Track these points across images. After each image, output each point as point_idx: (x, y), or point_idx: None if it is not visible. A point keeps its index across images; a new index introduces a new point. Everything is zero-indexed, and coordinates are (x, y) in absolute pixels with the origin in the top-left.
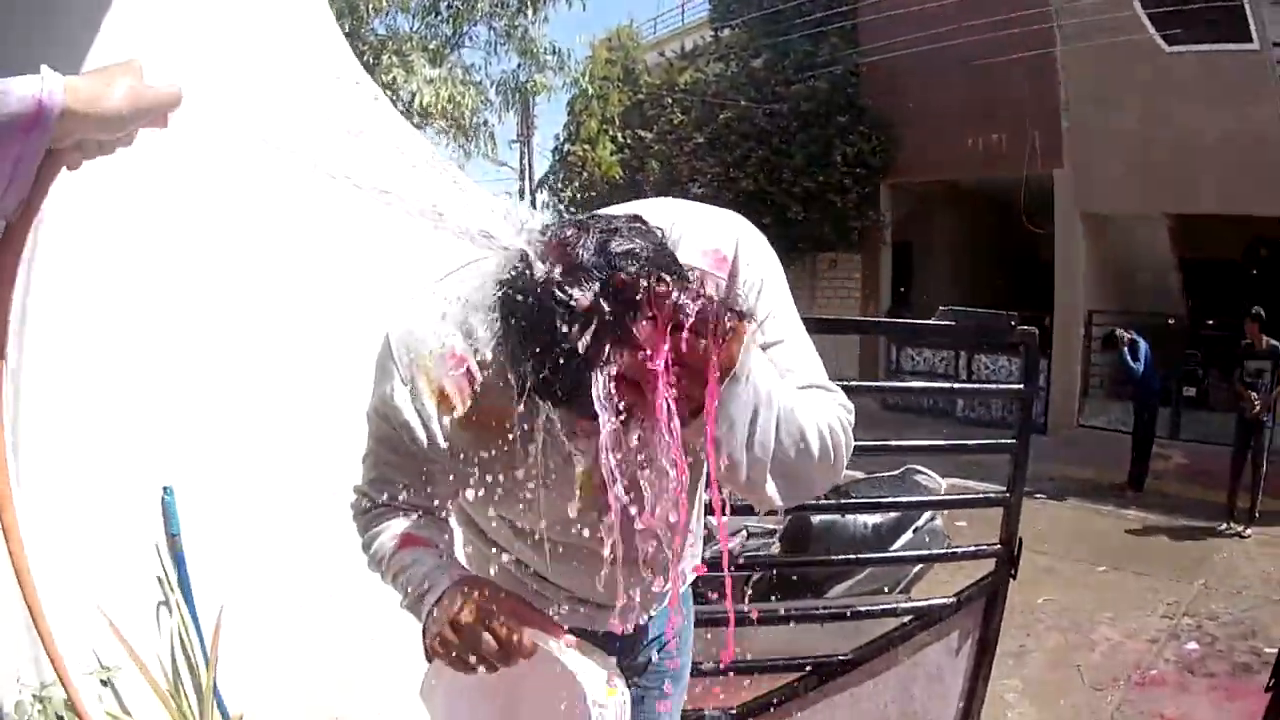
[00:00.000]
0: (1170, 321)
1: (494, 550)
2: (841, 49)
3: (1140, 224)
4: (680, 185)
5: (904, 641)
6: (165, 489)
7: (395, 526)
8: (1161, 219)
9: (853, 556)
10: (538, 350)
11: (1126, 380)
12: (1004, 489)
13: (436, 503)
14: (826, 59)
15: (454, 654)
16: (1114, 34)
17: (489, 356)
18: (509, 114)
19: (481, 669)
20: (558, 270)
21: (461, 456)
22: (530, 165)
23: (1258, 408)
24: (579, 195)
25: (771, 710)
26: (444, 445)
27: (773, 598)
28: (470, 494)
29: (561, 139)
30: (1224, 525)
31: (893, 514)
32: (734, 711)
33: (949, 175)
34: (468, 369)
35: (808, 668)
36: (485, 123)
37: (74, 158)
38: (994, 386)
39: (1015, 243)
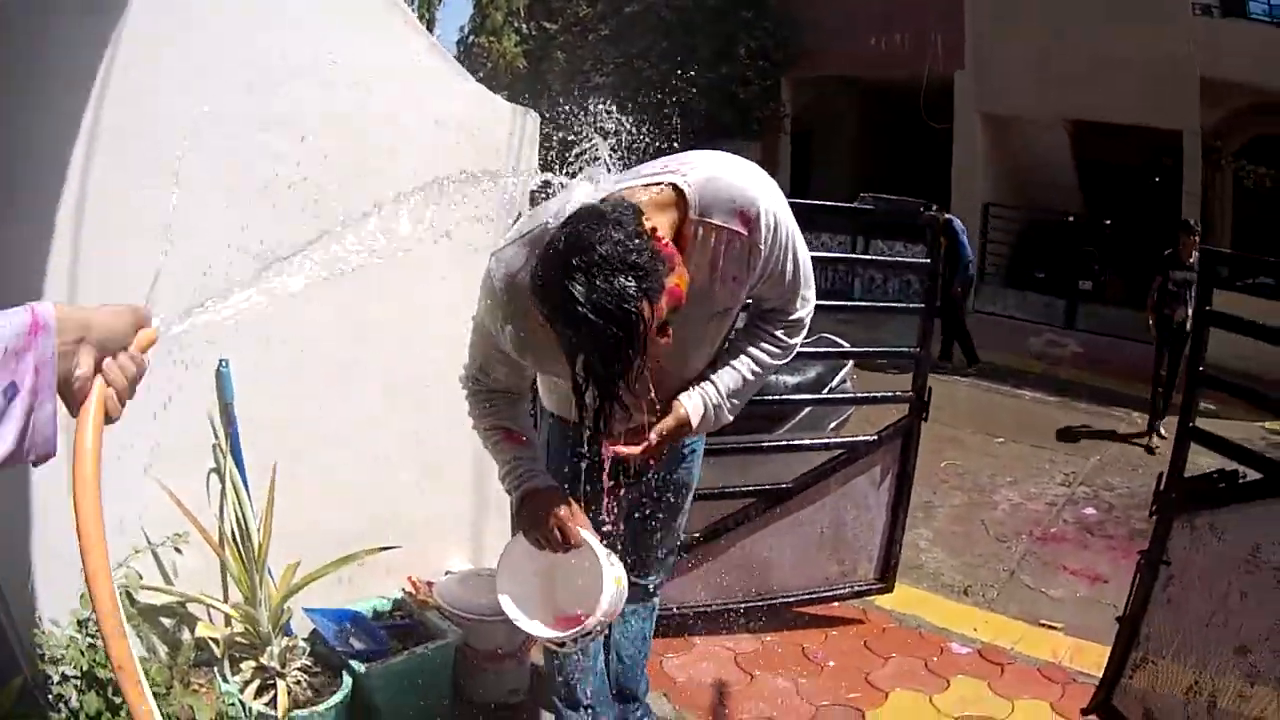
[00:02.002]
0: (1069, 219)
1: (560, 388)
2: None
3: (1039, 127)
4: (583, 75)
5: (835, 473)
6: (221, 360)
7: (499, 414)
8: (1061, 123)
9: (789, 398)
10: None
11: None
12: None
13: (522, 379)
14: None
15: (530, 536)
16: None
17: None
18: (414, 6)
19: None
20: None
21: (534, 351)
22: None
23: (1181, 317)
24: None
25: (729, 532)
26: (524, 342)
27: None
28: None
29: (466, 30)
30: (1148, 438)
31: (811, 374)
32: (698, 535)
33: (851, 71)
34: None
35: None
36: None
37: (112, 404)
38: (907, 260)
39: (914, 137)
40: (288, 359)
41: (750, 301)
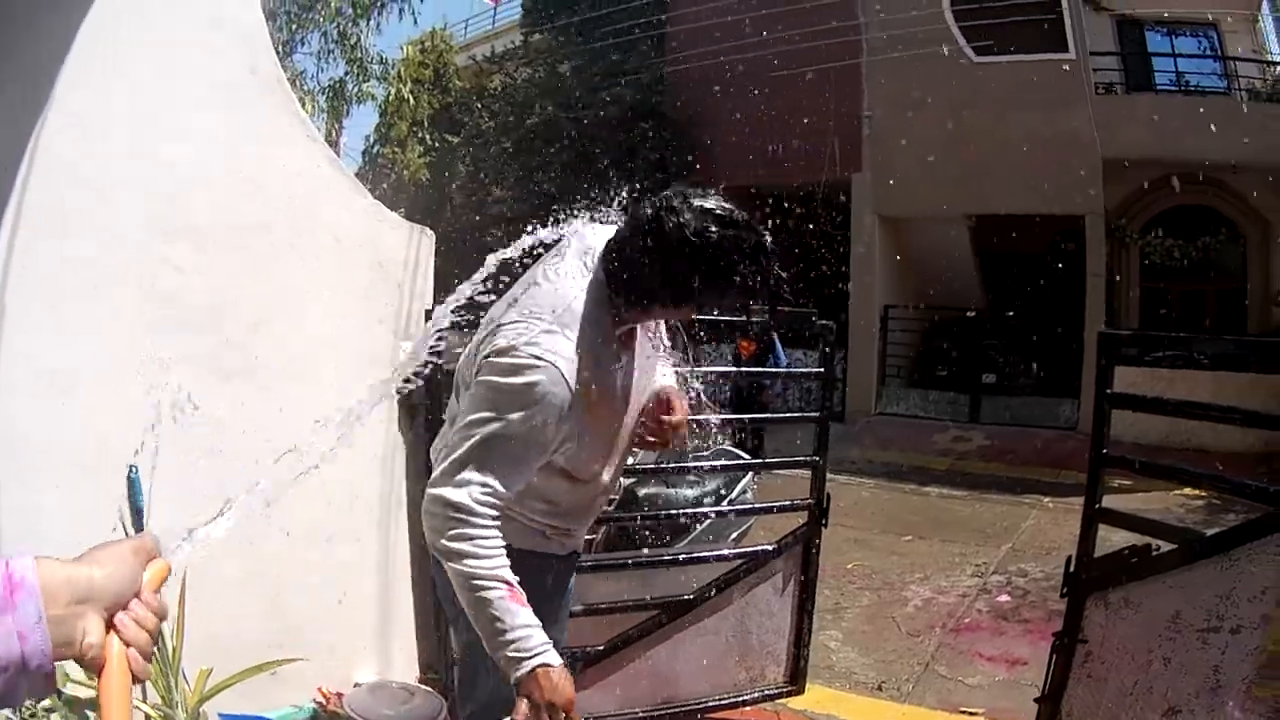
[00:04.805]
0: (969, 314)
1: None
2: (649, 57)
3: (939, 224)
4: (484, 188)
5: (737, 582)
6: (131, 467)
7: (501, 555)
8: (961, 219)
9: (689, 510)
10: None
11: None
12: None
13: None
14: (634, 66)
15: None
16: (923, 45)
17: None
18: (325, 117)
19: None
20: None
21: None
22: None
23: None
24: (388, 196)
25: (630, 645)
26: (583, 414)
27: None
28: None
29: (372, 140)
30: None
31: (710, 486)
32: (601, 648)
33: (749, 180)
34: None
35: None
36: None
37: (136, 664)
38: (801, 370)
39: (811, 241)
40: (198, 464)
41: None
